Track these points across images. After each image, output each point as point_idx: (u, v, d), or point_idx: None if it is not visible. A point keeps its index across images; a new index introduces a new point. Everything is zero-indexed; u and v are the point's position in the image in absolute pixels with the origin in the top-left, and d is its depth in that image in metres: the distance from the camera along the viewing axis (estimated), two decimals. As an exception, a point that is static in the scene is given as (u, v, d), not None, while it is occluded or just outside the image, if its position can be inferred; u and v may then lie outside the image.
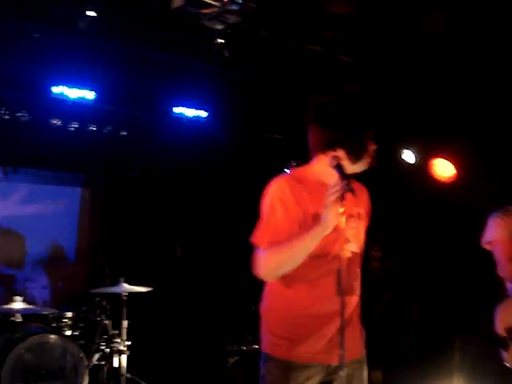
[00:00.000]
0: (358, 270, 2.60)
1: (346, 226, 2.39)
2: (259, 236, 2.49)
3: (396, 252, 6.94)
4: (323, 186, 2.44)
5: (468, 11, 4.26)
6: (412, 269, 6.82)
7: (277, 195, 2.48)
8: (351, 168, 2.53)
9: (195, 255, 6.67)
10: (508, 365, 3.78)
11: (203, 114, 6.07)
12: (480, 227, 4.07)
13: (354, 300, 2.57)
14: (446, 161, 6.11)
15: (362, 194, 2.71)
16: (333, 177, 2.41)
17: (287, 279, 2.49)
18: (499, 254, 3.91)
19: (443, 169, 6.12)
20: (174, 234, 6.74)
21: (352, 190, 2.29)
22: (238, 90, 5.54)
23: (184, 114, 6.03)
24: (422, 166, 6.27)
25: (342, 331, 2.28)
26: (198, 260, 6.60)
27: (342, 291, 2.36)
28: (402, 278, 6.83)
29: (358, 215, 2.59)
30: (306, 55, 4.71)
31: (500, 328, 3.81)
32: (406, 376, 6.19)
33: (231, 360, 5.21)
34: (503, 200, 4.11)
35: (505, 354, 3.78)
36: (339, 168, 2.41)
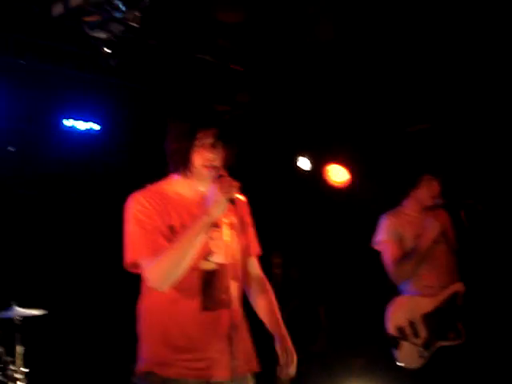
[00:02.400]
0: (233, 282, 2.48)
1: (208, 237, 2.38)
2: (136, 250, 2.41)
3: (297, 258, 7.03)
4: (181, 198, 2.48)
5: (356, 19, 4.37)
6: (315, 274, 6.94)
7: (136, 208, 2.43)
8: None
9: (92, 272, 6.43)
10: (400, 364, 3.83)
11: (96, 126, 5.89)
12: (373, 229, 4.14)
13: (228, 314, 2.42)
14: (339, 167, 6.27)
15: (238, 203, 2.60)
16: (192, 190, 2.49)
17: (151, 296, 2.45)
18: (386, 256, 3.97)
19: (337, 174, 6.27)
20: (67, 252, 6.47)
21: (233, 200, 2.34)
22: (130, 100, 5.42)
23: (75, 127, 5.82)
24: (317, 173, 6.40)
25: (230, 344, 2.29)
26: (95, 277, 6.37)
27: (207, 306, 2.37)
28: (306, 284, 6.91)
29: (230, 225, 2.51)
30: (197, 64, 4.68)
31: (390, 327, 3.87)
32: (314, 381, 6.28)
33: (134, 379, 5.07)
34: (394, 202, 4.22)
35: (396, 353, 3.83)
36: (222, 177, 2.40)
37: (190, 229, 2.33)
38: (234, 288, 2.48)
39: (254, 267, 2.71)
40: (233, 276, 2.46)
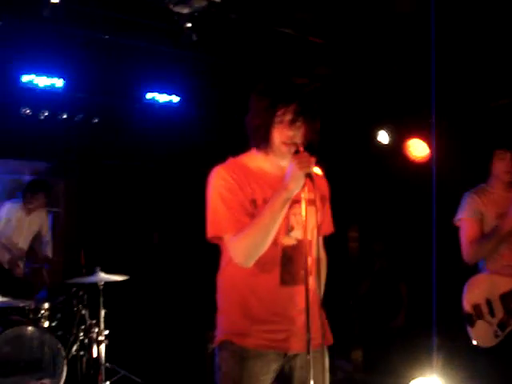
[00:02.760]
0: (308, 259, 2.43)
1: (288, 213, 2.39)
2: (219, 225, 2.45)
3: (375, 233, 6.97)
4: (263, 172, 2.48)
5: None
6: (394, 250, 6.87)
7: (219, 183, 2.46)
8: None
9: (172, 242, 6.62)
10: (474, 342, 3.79)
11: (175, 99, 6.00)
12: (455, 206, 4.06)
13: (302, 289, 2.37)
14: (420, 141, 6.13)
15: (316, 178, 2.60)
16: (274, 165, 2.48)
17: (232, 268, 2.48)
18: (462, 234, 3.91)
19: (417, 149, 6.14)
20: (150, 221, 6.69)
21: (311, 175, 2.32)
22: (210, 74, 5.48)
23: (156, 100, 5.97)
24: (397, 147, 6.29)
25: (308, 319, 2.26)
26: (176, 246, 6.56)
27: (286, 280, 2.40)
28: (388, 259, 6.85)
29: (309, 201, 2.47)
30: (277, 37, 4.66)
31: (467, 305, 3.83)
32: (386, 356, 6.26)
33: (211, 346, 5.20)
34: (478, 179, 4.11)
35: (471, 331, 3.79)
36: (298, 153, 2.36)
37: (271, 204, 2.34)
38: (310, 264, 2.49)
39: (323, 243, 2.71)
40: (310, 252, 2.45)
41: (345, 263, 6.69)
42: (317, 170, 2.60)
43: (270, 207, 2.34)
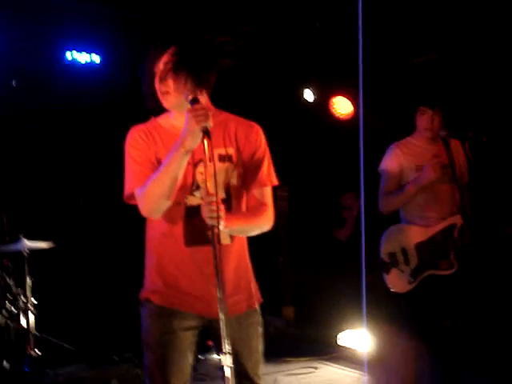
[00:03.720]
0: (225, 217, 2.30)
1: (194, 171, 2.37)
2: (130, 183, 2.45)
3: (302, 191, 7.05)
4: (176, 133, 2.35)
5: None
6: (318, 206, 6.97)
7: (129, 143, 2.47)
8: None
9: (98, 206, 6.49)
10: (391, 289, 3.98)
11: (96, 59, 5.80)
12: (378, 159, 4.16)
13: (216, 250, 2.21)
14: (344, 99, 6.20)
15: (245, 131, 2.52)
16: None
17: (152, 227, 2.50)
18: (381, 185, 4.07)
19: (342, 107, 6.21)
20: (75, 185, 6.51)
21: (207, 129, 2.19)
22: (131, 32, 5.31)
23: (77, 60, 5.75)
24: (322, 105, 6.33)
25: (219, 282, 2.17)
26: (102, 210, 6.43)
27: (191, 241, 2.37)
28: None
29: (224, 157, 2.43)
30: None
31: (383, 253, 4.01)
32: (317, 311, 6.41)
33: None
34: (402, 134, 4.19)
35: (386, 279, 3.98)
36: (196, 101, 2.28)
37: (168, 161, 2.29)
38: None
39: (263, 196, 2.53)
40: (223, 211, 2.27)
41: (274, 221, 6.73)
42: (252, 123, 2.56)
43: (166, 163, 2.29)
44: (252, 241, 2.61)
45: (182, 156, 2.26)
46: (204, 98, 2.41)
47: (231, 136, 2.49)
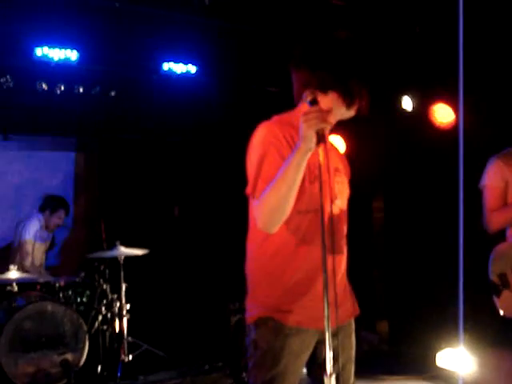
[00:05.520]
0: (345, 228, 2.45)
1: (333, 180, 2.26)
2: (252, 186, 2.27)
3: (400, 202, 6.82)
4: None
5: None
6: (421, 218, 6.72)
7: (268, 139, 2.27)
8: (339, 113, 2.37)
9: (193, 215, 6.57)
10: (501, 312, 3.68)
11: (192, 69, 5.87)
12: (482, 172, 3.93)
13: (343, 259, 2.42)
14: (445, 106, 5.94)
15: (338, 151, 2.63)
16: None
17: (274, 238, 2.30)
18: (485, 201, 3.79)
19: (443, 114, 5.95)
20: (170, 194, 6.64)
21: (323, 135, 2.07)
22: (227, 41, 5.33)
23: (173, 71, 5.84)
24: (422, 113, 6.11)
25: (325, 292, 2.02)
26: (196, 220, 6.50)
27: (333, 250, 2.21)
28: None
29: (343, 170, 2.49)
30: (296, 1, 4.49)
31: (492, 274, 3.72)
32: (412, 327, 6.17)
33: (234, 318, 5.16)
34: (505, 144, 3.95)
35: (497, 301, 3.69)
36: (315, 103, 2.15)
37: (285, 168, 2.15)
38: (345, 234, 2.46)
39: None
40: (346, 222, 2.44)
41: (369, 234, 6.56)
42: (340, 141, 2.54)
43: (283, 169, 2.15)
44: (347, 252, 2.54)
45: (299, 160, 2.12)
46: (329, 100, 2.33)
47: (338, 153, 2.57)
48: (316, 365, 2.38)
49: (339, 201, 2.37)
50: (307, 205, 2.27)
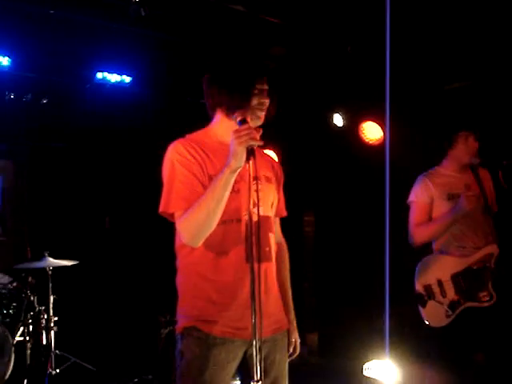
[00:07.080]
0: (271, 235, 2.50)
1: (250, 189, 2.31)
2: (170, 202, 2.36)
3: (329, 216, 6.96)
4: (223, 146, 2.37)
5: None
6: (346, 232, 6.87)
7: (175, 158, 2.38)
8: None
9: (124, 226, 6.50)
10: (426, 322, 3.85)
11: (127, 79, 5.84)
12: (409, 188, 4.10)
13: (269, 267, 2.45)
14: (374, 124, 6.13)
15: (270, 158, 2.71)
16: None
17: (196, 250, 2.37)
18: (411, 216, 4.01)
19: (372, 132, 6.14)
20: (101, 204, 6.55)
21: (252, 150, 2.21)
22: (162, 53, 5.34)
23: (107, 80, 5.79)
24: (351, 130, 6.27)
25: (253, 301, 2.13)
26: (127, 230, 6.44)
27: (253, 258, 2.23)
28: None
29: (266, 178, 2.52)
30: (231, 15, 4.55)
31: (418, 286, 3.89)
32: (341, 339, 6.29)
33: (164, 331, 5.13)
34: (430, 161, 4.13)
35: (422, 312, 3.86)
36: (244, 123, 2.27)
37: (214, 184, 2.26)
38: (272, 241, 2.49)
39: (278, 225, 2.71)
40: (270, 229, 2.47)
41: (299, 247, 6.67)
42: (272, 155, 2.59)
43: (212, 187, 2.26)
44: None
45: (228, 177, 2.23)
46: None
47: (265, 160, 2.61)
48: (248, 378, 2.38)
49: (261, 208, 2.36)
50: (224, 215, 2.32)
